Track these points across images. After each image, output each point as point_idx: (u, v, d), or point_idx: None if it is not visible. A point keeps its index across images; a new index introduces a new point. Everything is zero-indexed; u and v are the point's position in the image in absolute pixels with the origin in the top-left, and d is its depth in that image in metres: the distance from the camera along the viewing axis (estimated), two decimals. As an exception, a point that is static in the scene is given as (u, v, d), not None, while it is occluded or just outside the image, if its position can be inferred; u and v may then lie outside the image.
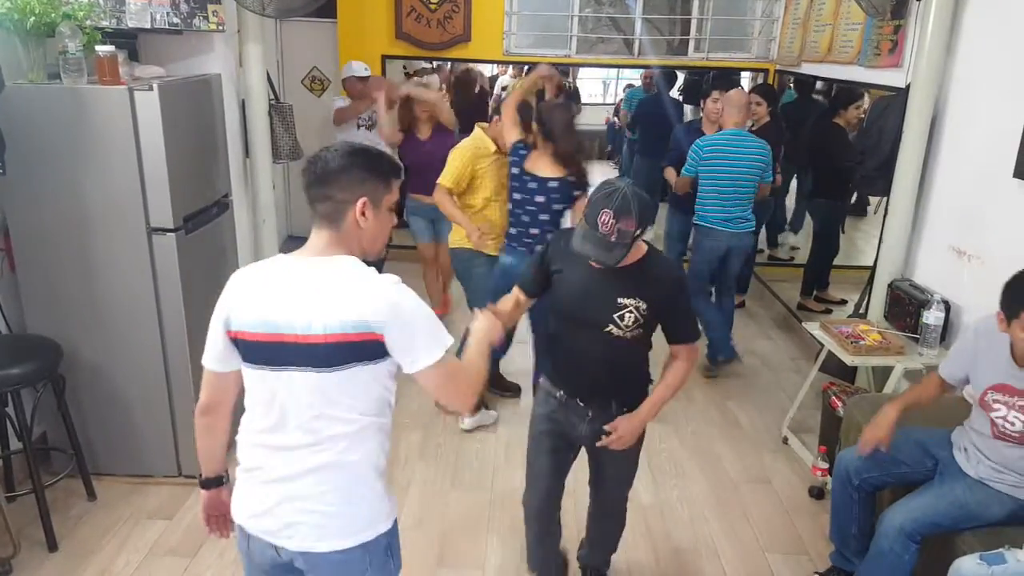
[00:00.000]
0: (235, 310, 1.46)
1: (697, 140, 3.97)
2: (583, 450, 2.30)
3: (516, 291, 2.22)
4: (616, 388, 2.15)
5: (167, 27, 3.08)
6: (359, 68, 4.69)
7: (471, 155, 3.36)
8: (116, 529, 2.80)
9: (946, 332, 3.11)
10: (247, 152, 3.96)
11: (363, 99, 4.52)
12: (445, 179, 3.37)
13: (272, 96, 4.24)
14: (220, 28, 3.32)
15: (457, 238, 3.51)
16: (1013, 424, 2.13)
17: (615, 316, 1.98)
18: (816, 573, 2.65)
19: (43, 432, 3.03)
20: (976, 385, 2.25)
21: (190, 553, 2.69)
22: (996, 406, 2.17)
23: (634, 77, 7.69)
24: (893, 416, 2.33)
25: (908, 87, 3.37)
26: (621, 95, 8.81)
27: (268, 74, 4.10)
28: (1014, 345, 2.14)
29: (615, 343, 2.02)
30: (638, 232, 1.88)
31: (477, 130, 3.48)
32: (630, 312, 1.97)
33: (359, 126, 4.68)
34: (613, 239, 1.85)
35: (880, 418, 2.35)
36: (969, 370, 2.30)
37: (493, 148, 3.39)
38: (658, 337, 2.11)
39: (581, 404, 2.16)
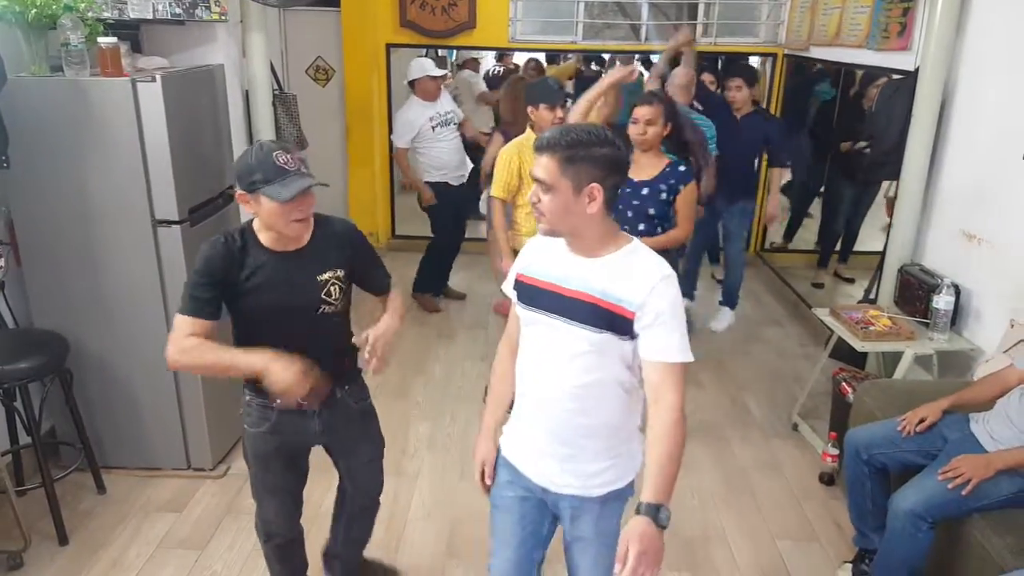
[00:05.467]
0: None
1: None
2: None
3: (197, 326, 1.83)
4: (336, 368, 2.02)
5: (169, 18, 3.06)
6: (432, 67, 4.50)
7: (515, 154, 3.26)
8: (126, 522, 2.81)
9: (956, 317, 3.09)
10: (251, 143, 3.95)
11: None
12: (495, 190, 3.32)
13: (276, 86, 4.22)
14: (223, 18, 3.29)
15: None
16: None
17: (322, 295, 1.92)
18: (846, 563, 2.64)
19: (51, 426, 3.04)
20: None
21: (200, 545, 2.70)
22: None
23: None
24: (945, 405, 2.43)
25: (917, 70, 3.33)
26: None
27: (272, 64, 4.08)
28: None
29: (329, 321, 1.97)
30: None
31: (528, 130, 3.38)
32: (334, 284, 1.93)
33: (433, 127, 4.52)
34: (304, 168, 1.84)
35: (936, 402, 2.45)
36: None
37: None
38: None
39: (303, 402, 1.95)
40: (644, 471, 1.54)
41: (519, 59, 6.51)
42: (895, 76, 3.72)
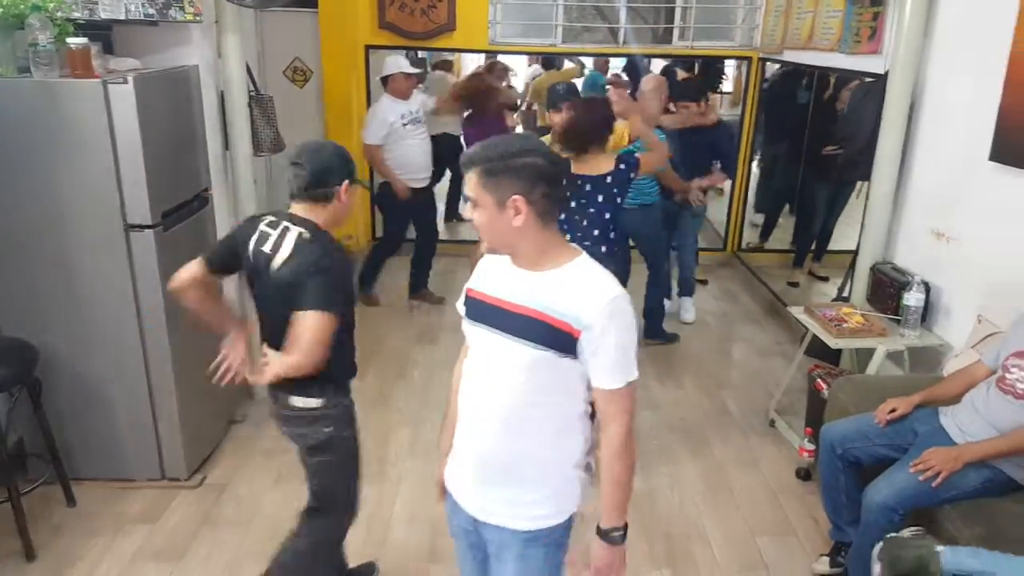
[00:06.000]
0: None
1: None
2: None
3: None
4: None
5: (142, 18, 3.02)
6: (406, 64, 4.56)
7: None
8: (97, 536, 2.73)
9: (926, 313, 3.14)
10: (227, 145, 3.91)
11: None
12: None
13: (252, 88, 4.18)
14: (197, 19, 3.26)
15: None
16: (1020, 382, 2.22)
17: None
18: (822, 556, 2.67)
19: (19, 437, 2.97)
20: (1002, 355, 2.33)
21: (175, 558, 2.65)
22: (1012, 369, 2.26)
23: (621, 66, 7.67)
24: (916, 400, 2.50)
25: (887, 73, 3.39)
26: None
27: (248, 65, 4.04)
28: None
29: None
30: None
31: None
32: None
33: (404, 125, 4.58)
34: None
35: (909, 397, 2.51)
36: (1001, 347, 2.37)
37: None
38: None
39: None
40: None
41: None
42: (866, 79, 3.78)
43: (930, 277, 3.18)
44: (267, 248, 1.93)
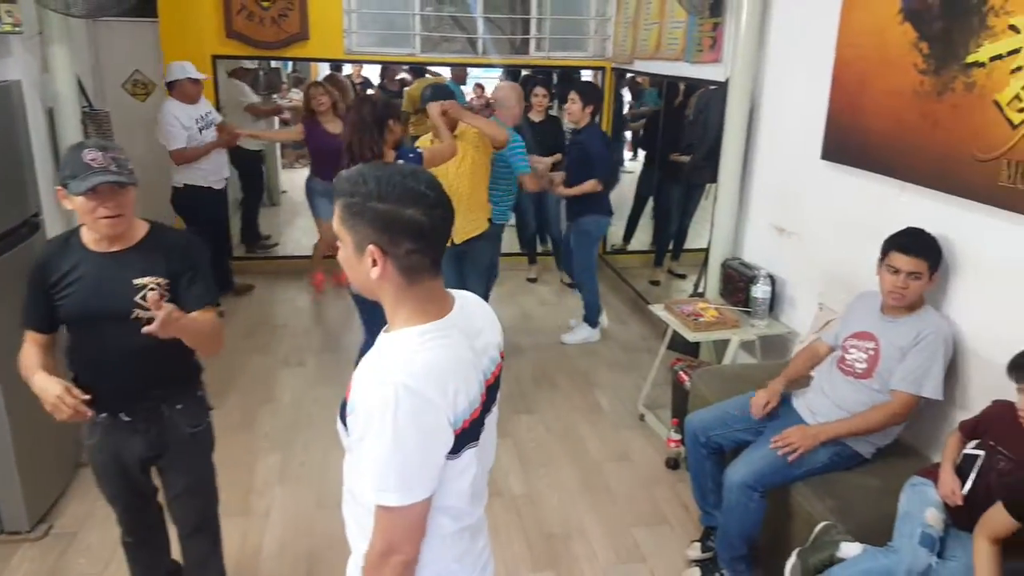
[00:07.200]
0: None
1: None
2: None
3: (31, 338, 1.92)
4: (162, 383, 1.98)
5: (-50, 29, 2.74)
6: (192, 69, 4.56)
7: None
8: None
9: (774, 303, 3.39)
10: (58, 165, 3.61)
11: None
12: None
13: (86, 103, 3.89)
14: (17, 29, 2.99)
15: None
16: (858, 362, 2.44)
17: (137, 299, 1.84)
18: (694, 541, 2.79)
19: None
20: (841, 335, 2.55)
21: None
22: (851, 350, 2.48)
23: (488, 76, 7.75)
24: (779, 387, 2.65)
25: (728, 81, 3.62)
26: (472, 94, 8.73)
27: (80, 80, 3.76)
28: (881, 292, 2.43)
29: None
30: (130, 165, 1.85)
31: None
32: (152, 290, 1.83)
33: (200, 130, 4.61)
34: (114, 168, 1.79)
35: (771, 385, 2.66)
36: (840, 328, 2.60)
37: None
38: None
39: (127, 419, 1.97)
40: None
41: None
42: (710, 87, 4.03)
43: (775, 270, 3.43)
44: None
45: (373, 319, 3.34)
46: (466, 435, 1.23)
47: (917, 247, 2.33)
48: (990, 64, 2.24)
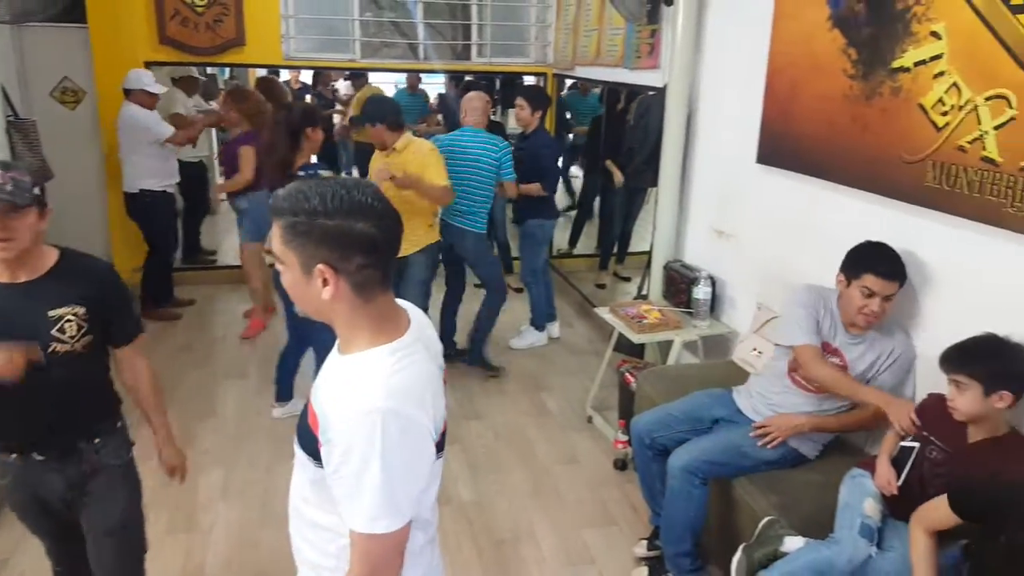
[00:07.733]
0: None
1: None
2: None
3: None
4: (78, 417, 1.86)
5: None
6: (150, 81, 4.60)
7: None
8: None
9: (714, 304, 3.46)
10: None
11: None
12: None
13: (11, 112, 3.74)
14: (-69, 34, 2.86)
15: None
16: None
17: (53, 332, 1.74)
18: (642, 539, 2.82)
19: None
20: (816, 337, 2.46)
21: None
22: None
23: (431, 82, 7.74)
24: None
25: (666, 86, 3.70)
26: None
27: (3, 88, 3.61)
28: (843, 309, 2.41)
29: (68, 364, 1.77)
30: (36, 187, 1.71)
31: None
32: (69, 321, 1.75)
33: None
34: (8, 188, 1.64)
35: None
36: (813, 324, 2.49)
37: None
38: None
39: (40, 458, 1.83)
40: None
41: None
42: (649, 92, 4.10)
43: (715, 271, 3.51)
44: None
45: (311, 337, 3.34)
46: (438, 447, 1.25)
47: (895, 271, 2.27)
48: (915, 69, 2.33)
